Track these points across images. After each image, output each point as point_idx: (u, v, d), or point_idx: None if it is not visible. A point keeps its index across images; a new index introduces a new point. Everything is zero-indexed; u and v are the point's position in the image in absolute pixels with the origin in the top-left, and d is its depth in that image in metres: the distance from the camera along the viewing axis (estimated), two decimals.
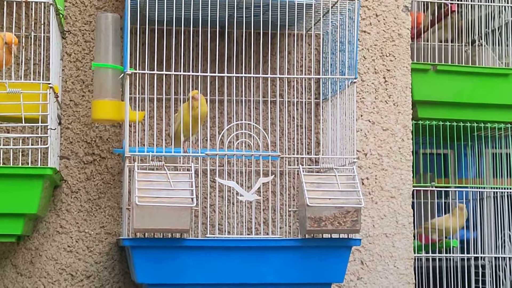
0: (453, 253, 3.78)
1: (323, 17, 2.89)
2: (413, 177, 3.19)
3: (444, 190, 3.85)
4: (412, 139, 3.20)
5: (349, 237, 2.69)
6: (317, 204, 2.57)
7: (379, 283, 3.08)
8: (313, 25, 2.94)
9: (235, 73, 2.88)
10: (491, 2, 3.85)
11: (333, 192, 2.60)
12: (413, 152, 3.20)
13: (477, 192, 3.95)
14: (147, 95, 2.79)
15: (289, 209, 2.96)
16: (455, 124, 3.67)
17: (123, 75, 2.66)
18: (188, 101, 2.70)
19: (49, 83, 2.55)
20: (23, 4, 2.75)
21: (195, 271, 2.59)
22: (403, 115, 3.18)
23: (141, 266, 2.56)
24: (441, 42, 3.97)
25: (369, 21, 3.18)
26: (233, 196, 2.88)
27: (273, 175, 2.82)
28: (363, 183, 3.10)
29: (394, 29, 3.20)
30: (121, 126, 2.93)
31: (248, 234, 2.85)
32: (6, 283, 2.85)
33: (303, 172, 2.63)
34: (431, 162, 4.07)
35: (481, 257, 3.79)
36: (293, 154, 2.98)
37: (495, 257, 3.77)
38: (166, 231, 2.55)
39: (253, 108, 2.88)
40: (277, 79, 2.97)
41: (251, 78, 2.85)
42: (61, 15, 2.82)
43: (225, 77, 2.76)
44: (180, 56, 2.82)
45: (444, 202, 3.97)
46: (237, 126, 2.83)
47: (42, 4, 2.62)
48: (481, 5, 3.85)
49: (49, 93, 2.53)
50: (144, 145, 2.84)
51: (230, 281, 2.62)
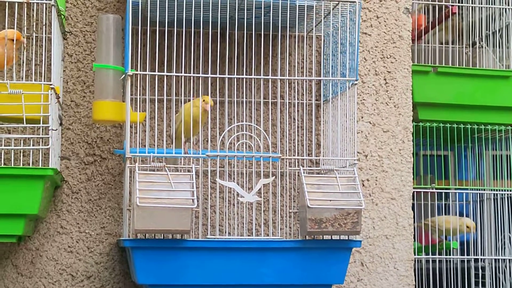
0: (453, 255, 3.78)
1: (324, 18, 2.89)
2: (413, 178, 3.19)
3: (444, 192, 3.85)
4: (412, 140, 3.21)
5: (350, 238, 2.69)
6: (317, 205, 2.57)
7: (379, 285, 3.08)
8: (314, 26, 2.94)
9: (236, 74, 2.88)
10: (491, 4, 3.85)
11: (334, 193, 2.60)
12: (413, 153, 3.20)
13: (477, 194, 3.95)
14: (148, 96, 2.79)
15: (289, 211, 2.96)
16: (455, 126, 3.67)
17: (124, 76, 2.67)
18: (194, 102, 2.70)
19: (50, 84, 2.55)
20: (25, 5, 2.75)
21: (195, 272, 2.59)
22: (403, 117, 3.18)
23: (141, 267, 2.56)
24: (441, 44, 3.97)
25: (370, 23, 3.19)
26: (234, 197, 2.88)
27: (273, 177, 2.82)
28: (363, 185, 3.10)
29: (395, 31, 3.20)
30: (121, 127, 2.93)
31: (249, 235, 2.85)
32: (7, 283, 2.85)
33: (303, 173, 2.64)
34: (431, 163, 4.07)
35: (481, 259, 3.79)
36: (294, 156, 2.98)
37: (495, 259, 3.77)
38: (166, 232, 2.55)
39: (254, 109, 2.88)
40: (278, 80, 2.97)
41: (252, 79, 2.84)
42: (62, 16, 2.82)
43: (226, 78, 2.76)
44: (181, 57, 2.82)
45: (444, 204, 3.97)
46: (237, 128, 2.83)
47: (44, 5, 2.62)
48: (482, 7, 3.85)
49: (51, 94, 2.53)
50: (145, 146, 2.84)
51: (230, 282, 2.62)
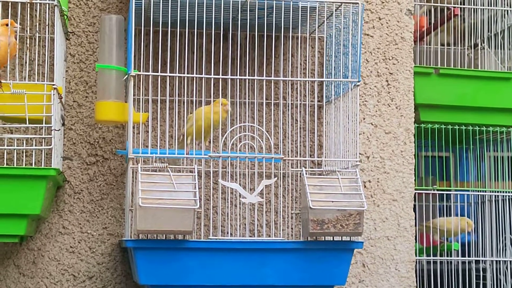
0: (454, 256, 3.78)
1: (326, 20, 2.89)
2: (414, 180, 3.19)
3: (445, 194, 3.84)
4: (414, 142, 3.21)
5: (352, 239, 2.69)
6: (320, 206, 2.57)
7: (381, 286, 3.08)
8: (316, 28, 2.95)
9: (239, 75, 2.88)
10: (493, 6, 3.85)
11: (336, 194, 2.61)
12: (414, 155, 3.20)
13: (478, 196, 3.95)
14: (150, 96, 2.79)
15: (291, 212, 2.97)
16: (457, 127, 3.67)
17: (127, 76, 2.67)
18: (213, 104, 2.70)
19: (53, 84, 2.55)
20: (28, 5, 2.75)
21: (197, 273, 2.59)
22: (405, 118, 3.18)
23: (143, 267, 2.56)
24: (443, 45, 3.97)
25: (372, 24, 3.19)
26: (236, 198, 2.88)
27: (275, 178, 2.82)
28: (365, 186, 3.10)
29: (397, 32, 3.20)
30: (124, 127, 2.93)
31: (251, 236, 2.85)
32: (9, 283, 2.85)
33: (306, 174, 2.64)
34: (432, 165, 4.07)
35: (482, 261, 3.79)
36: (296, 157, 2.98)
37: (496, 261, 3.78)
38: (169, 232, 2.55)
39: (256, 110, 2.88)
40: (281, 81, 2.98)
41: (255, 80, 2.85)
42: (65, 16, 2.82)
43: (229, 79, 2.76)
44: (184, 58, 2.83)
45: (446, 205, 3.97)
46: (240, 128, 2.83)
47: (47, 5, 2.62)
48: (483, 8, 3.85)
49: (53, 94, 2.53)
50: (147, 146, 2.84)
51: (232, 283, 2.62)
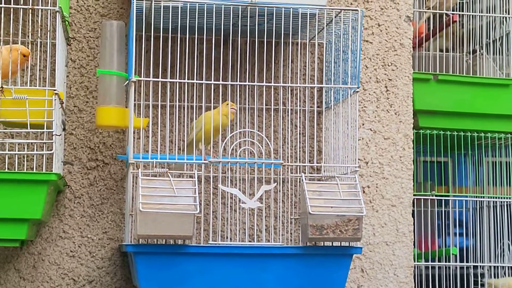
0: (452, 261, 3.79)
1: (326, 26, 2.91)
2: (413, 185, 3.21)
3: (444, 199, 3.86)
4: (413, 147, 3.22)
5: (350, 245, 2.70)
6: (319, 212, 2.58)
7: None
8: (316, 34, 2.96)
9: (239, 81, 2.89)
10: (492, 12, 3.87)
11: (335, 200, 2.62)
12: (413, 160, 3.21)
13: (477, 201, 3.96)
14: (151, 102, 2.81)
15: (290, 217, 2.98)
16: (455, 133, 3.69)
17: (127, 82, 2.68)
18: (220, 110, 2.73)
19: (54, 90, 2.56)
20: (29, 11, 2.77)
21: (197, 278, 2.60)
22: (404, 124, 3.19)
23: (143, 272, 2.57)
24: (441, 50, 3.99)
25: (371, 30, 3.20)
26: (235, 203, 2.89)
27: (275, 183, 2.83)
28: (364, 192, 3.11)
29: (396, 39, 3.21)
30: (124, 132, 2.95)
31: (250, 241, 2.86)
32: (9, 287, 2.86)
33: (305, 180, 2.65)
34: (431, 170, 4.08)
35: (480, 266, 3.81)
36: (295, 162, 2.99)
37: (494, 266, 3.79)
38: (169, 237, 2.56)
39: (256, 116, 2.89)
40: (280, 87, 2.99)
41: (254, 86, 2.86)
42: (66, 22, 2.83)
43: (229, 85, 2.78)
44: (184, 63, 2.84)
45: (444, 210, 3.98)
46: (240, 134, 2.84)
47: (49, 11, 2.64)
48: (482, 15, 3.87)
49: (55, 99, 2.54)
50: (147, 151, 2.85)
51: None
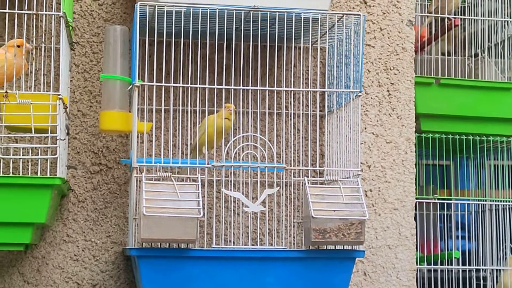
0: (454, 265, 3.80)
1: (328, 30, 2.92)
2: (415, 189, 3.21)
3: (446, 203, 3.86)
4: (415, 151, 3.23)
5: (353, 248, 2.71)
6: (321, 215, 2.59)
7: None
8: (318, 38, 2.96)
9: (241, 85, 2.91)
10: (494, 16, 3.88)
11: (338, 204, 2.62)
12: (415, 164, 3.22)
13: (479, 205, 3.96)
14: (154, 106, 2.82)
15: (293, 220, 2.99)
16: (457, 137, 3.70)
17: (131, 86, 2.69)
18: (218, 114, 2.74)
19: (58, 94, 2.57)
20: (33, 16, 2.78)
21: (200, 281, 2.61)
22: (406, 128, 3.20)
23: (147, 276, 2.58)
24: (443, 54, 4.00)
25: (373, 35, 3.21)
26: (238, 207, 2.90)
27: (278, 187, 2.85)
28: (366, 195, 3.12)
29: (398, 43, 3.23)
30: (128, 136, 2.96)
31: (253, 245, 2.87)
32: None
33: (308, 183, 2.66)
34: (433, 173, 4.09)
35: (482, 269, 3.81)
36: (298, 166, 3.01)
37: (496, 269, 3.79)
38: (172, 241, 2.57)
39: (258, 120, 2.90)
40: (283, 91, 3.00)
41: (257, 90, 2.87)
42: (70, 27, 2.85)
43: (232, 89, 2.79)
44: (187, 68, 2.85)
45: (446, 214, 3.99)
46: (243, 138, 2.85)
47: (53, 16, 2.65)
48: (484, 19, 3.88)
49: (59, 104, 2.55)
50: (151, 155, 2.86)
51: None
